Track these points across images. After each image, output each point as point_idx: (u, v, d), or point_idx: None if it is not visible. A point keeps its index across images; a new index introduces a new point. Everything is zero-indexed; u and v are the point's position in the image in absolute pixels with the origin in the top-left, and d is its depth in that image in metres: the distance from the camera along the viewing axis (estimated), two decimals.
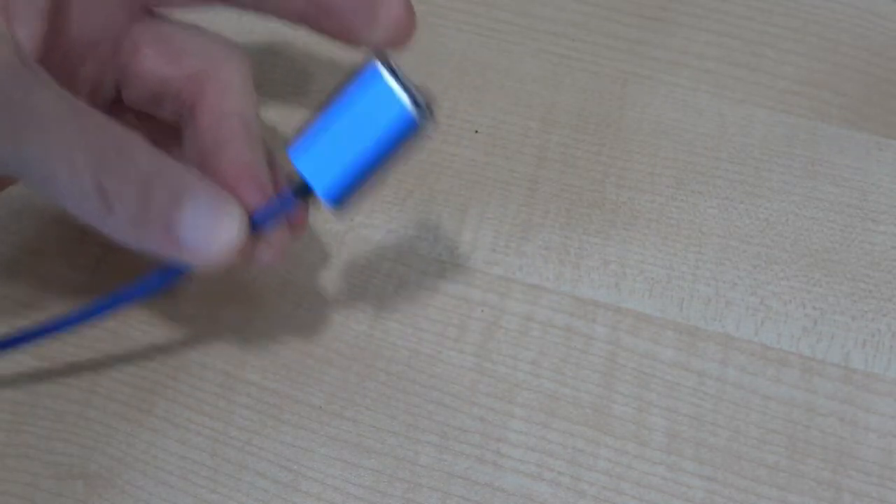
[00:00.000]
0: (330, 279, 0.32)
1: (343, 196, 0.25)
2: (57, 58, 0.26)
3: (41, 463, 0.30)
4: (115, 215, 0.24)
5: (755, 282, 0.32)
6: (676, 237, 0.33)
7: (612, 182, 0.34)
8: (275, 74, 0.36)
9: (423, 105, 0.24)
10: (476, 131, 0.35)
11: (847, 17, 0.36)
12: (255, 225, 0.26)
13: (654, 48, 0.36)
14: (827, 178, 0.34)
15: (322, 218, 0.34)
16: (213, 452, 0.30)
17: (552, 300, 0.32)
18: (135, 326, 0.31)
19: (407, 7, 0.29)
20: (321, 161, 0.24)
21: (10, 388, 0.30)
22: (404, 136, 0.24)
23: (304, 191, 0.25)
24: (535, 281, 0.32)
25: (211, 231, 0.25)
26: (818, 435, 0.29)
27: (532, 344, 0.31)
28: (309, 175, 0.24)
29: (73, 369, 0.31)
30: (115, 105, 0.30)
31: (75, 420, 0.30)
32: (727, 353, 0.31)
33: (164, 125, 0.30)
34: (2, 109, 0.23)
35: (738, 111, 0.35)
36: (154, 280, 0.27)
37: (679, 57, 0.36)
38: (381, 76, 0.23)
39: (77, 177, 0.23)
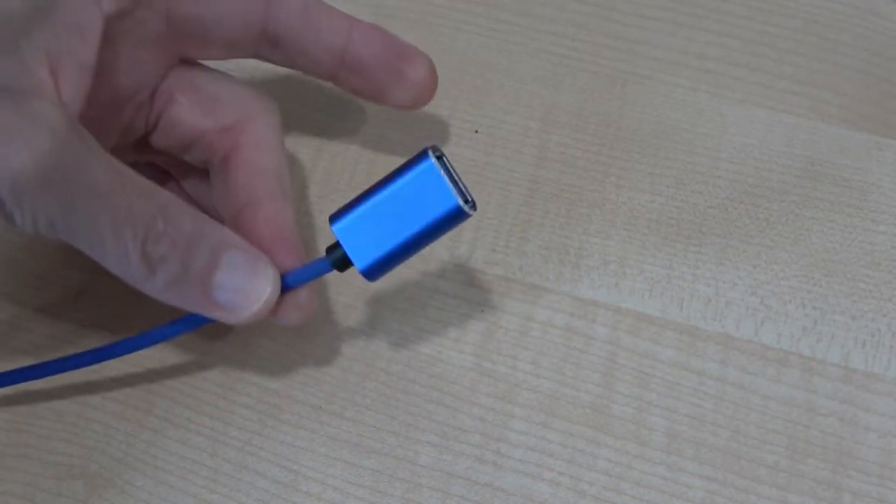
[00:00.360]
0: (330, 279, 0.32)
1: (379, 271, 0.27)
2: (96, 108, 0.26)
3: (41, 463, 0.30)
4: (156, 278, 0.25)
5: (755, 282, 0.32)
6: (676, 237, 0.33)
7: (612, 182, 0.34)
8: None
9: (466, 192, 0.26)
10: (476, 131, 0.35)
11: (847, 17, 0.36)
12: (287, 286, 0.27)
13: (654, 48, 0.36)
14: (827, 178, 0.34)
15: (322, 218, 0.34)
16: (213, 452, 0.30)
17: (552, 300, 0.32)
18: (134, 327, 0.31)
19: (431, 69, 0.30)
20: (364, 237, 0.26)
21: (10, 389, 0.30)
22: (450, 225, 0.26)
23: (342, 261, 0.27)
24: (535, 281, 0.32)
25: (246, 292, 0.26)
26: (818, 435, 0.29)
27: (532, 344, 0.31)
28: (350, 249, 0.26)
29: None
30: (141, 143, 0.30)
31: (75, 420, 0.30)
32: (727, 353, 0.31)
33: (187, 164, 0.31)
34: (53, 180, 0.23)
35: (738, 111, 0.35)
36: (188, 321, 0.28)
37: (679, 57, 0.36)
38: (435, 171, 0.25)
39: (123, 246, 0.24)
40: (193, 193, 0.32)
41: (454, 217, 0.26)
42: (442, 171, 0.25)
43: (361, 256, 0.26)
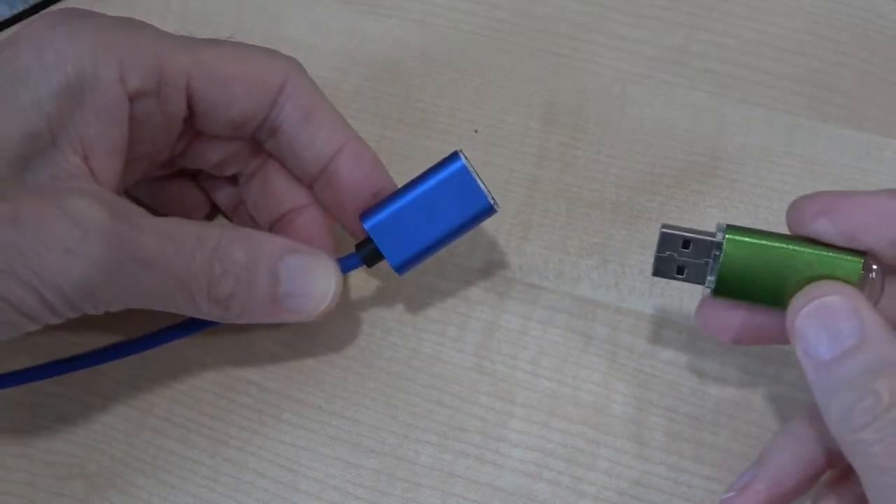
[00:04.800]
0: None
1: (409, 266, 0.28)
2: (126, 165, 0.27)
3: (41, 463, 0.30)
4: (230, 313, 0.27)
5: None
6: None
7: (612, 182, 0.34)
8: None
9: (488, 191, 0.28)
10: (476, 131, 0.35)
11: (847, 17, 0.36)
12: None
13: (654, 48, 0.36)
14: (827, 178, 0.34)
15: None
16: (213, 452, 0.30)
17: (552, 300, 0.32)
18: (136, 328, 0.31)
19: None
20: (396, 235, 0.28)
21: (10, 389, 0.30)
22: (478, 222, 0.28)
23: (373, 257, 0.29)
24: (535, 281, 0.32)
25: (313, 294, 0.27)
26: None
27: (532, 344, 0.31)
28: (383, 246, 0.28)
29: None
30: (167, 163, 0.30)
31: (75, 420, 0.30)
32: (727, 352, 0.31)
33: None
34: (113, 274, 0.24)
35: (738, 111, 0.35)
36: (197, 321, 0.29)
37: (679, 57, 0.36)
38: (468, 172, 0.28)
39: (191, 300, 0.26)
40: (220, 197, 0.32)
41: (484, 215, 0.28)
42: (474, 173, 0.28)
43: (394, 253, 0.28)
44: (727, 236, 0.25)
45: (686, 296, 0.32)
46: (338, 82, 0.36)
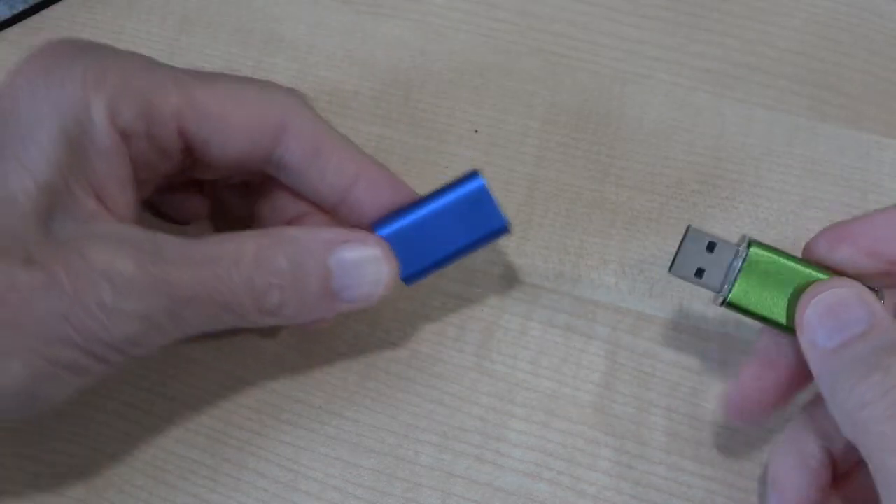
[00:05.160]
0: None
1: (418, 277, 0.28)
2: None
3: (41, 463, 0.30)
4: (285, 318, 0.26)
5: None
6: (676, 237, 0.33)
7: (612, 182, 0.34)
8: None
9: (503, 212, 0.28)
10: (476, 131, 0.35)
11: (847, 17, 0.36)
12: None
13: (654, 48, 0.36)
14: (827, 178, 0.34)
15: None
16: (213, 452, 0.30)
17: (552, 300, 0.32)
18: None
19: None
20: (408, 247, 0.28)
21: None
22: (492, 240, 0.28)
23: None
24: (535, 281, 0.32)
25: (368, 281, 0.27)
26: None
27: (532, 344, 0.31)
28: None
29: None
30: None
31: (75, 420, 0.30)
32: (727, 353, 0.31)
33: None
34: (158, 320, 0.24)
35: (738, 111, 0.35)
36: None
37: (679, 57, 0.36)
38: (487, 192, 0.27)
39: (242, 317, 0.25)
40: (230, 199, 0.32)
41: (499, 234, 0.28)
42: (492, 193, 0.27)
43: (404, 264, 0.28)
44: (752, 248, 0.26)
45: (686, 296, 0.32)
46: (338, 82, 0.36)
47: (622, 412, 0.30)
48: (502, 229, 0.28)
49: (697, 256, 0.26)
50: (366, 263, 0.27)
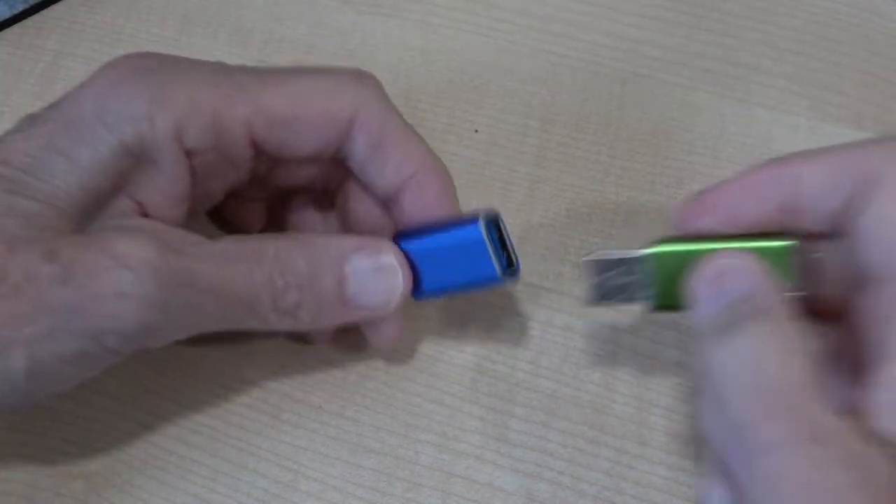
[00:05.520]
0: None
1: (427, 297, 0.28)
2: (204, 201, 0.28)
3: (41, 463, 0.30)
4: (300, 322, 0.26)
5: None
6: None
7: (612, 182, 0.34)
8: None
9: (513, 254, 0.27)
10: (476, 131, 0.35)
11: (847, 16, 0.36)
12: None
13: (654, 48, 0.36)
14: None
15: None
16: (212, 452, 0.30)
17: (552, 300, 0.32)
18: None
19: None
20: (418, 267, 0.27)
21: None
22: (485, 287, 0.28)
23: None
24: (535, 281, 0.32)
25: (382, 289, 0.27)
26: None
27: (532, 344, 0.31)
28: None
29: None
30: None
31: (75, 420, 0.30)
32: None
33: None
34: (170, 308, 0.24)
35: (738, 111, 0.35)
36: None
37: (679, 57, 0.36)
38: (482, 242, 0.26)
39: (258, 316, 0.26)
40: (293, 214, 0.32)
41: (492, 283, 0.27)
42: (489, 242, 0.26)
43: (419, 280, 0.28)
44: (651, 249, 0.25)
45: None
46: None
47: (622, 412, 0.30)
48: (495, 280, 0.27)
49: (608, 280, 0.26)
50: (380, 272, 0.27)
